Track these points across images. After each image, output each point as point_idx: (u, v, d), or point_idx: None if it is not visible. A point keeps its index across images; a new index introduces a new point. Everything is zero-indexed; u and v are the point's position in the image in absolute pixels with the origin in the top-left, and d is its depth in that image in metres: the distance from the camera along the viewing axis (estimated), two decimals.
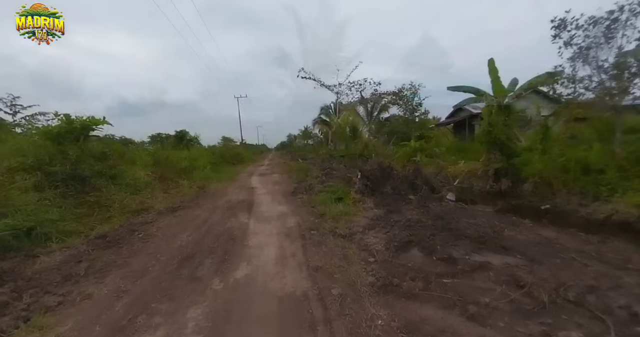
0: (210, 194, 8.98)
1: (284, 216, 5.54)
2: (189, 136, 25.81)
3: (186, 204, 7.42)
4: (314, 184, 9.22)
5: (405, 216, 4.73)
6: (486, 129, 9.45)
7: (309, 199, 7.09)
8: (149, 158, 12.16)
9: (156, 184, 9.98)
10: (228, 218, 5.50)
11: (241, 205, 6.77)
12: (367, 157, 20.00)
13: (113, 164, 8.41)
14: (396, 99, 18.81)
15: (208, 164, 15.38)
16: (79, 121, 8.03)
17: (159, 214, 6.24)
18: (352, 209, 5.06)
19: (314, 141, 39.06)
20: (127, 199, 7.52)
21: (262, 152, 55.45)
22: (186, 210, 6.70)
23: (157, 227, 5.16)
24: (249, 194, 8.31)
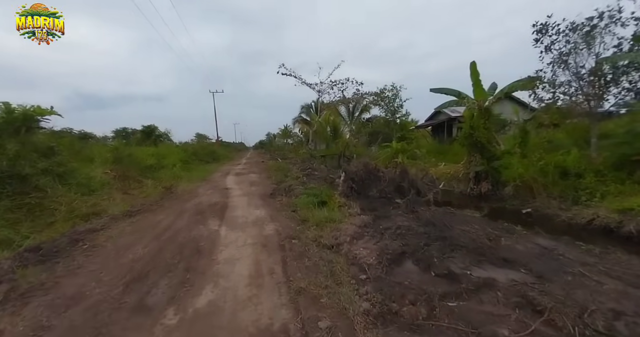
0: (177, 196, 8.12)
1: (261, 221, 4.95)
2: (158, 132, 24.12)
3: (147, 207, 6.56)
4: (294, 186, 8.67)
5: (395, 223, 4.35)
6: (468, 132, 9.46)
7: (289, 202, 6.53)
8: (109, 154, 10.93)
9: (115, 184, 8.92)
10: (195, 225, 4.80)
11: (212, 208, 6.06)
12: (348, 157, 19.79)
13: (62, 160, 7.30)
14: (378, 100, 18.72)
15: (178, 161, 14.26)
16: (20, 111, 6.86)
17: (113, 220, 5.38)
18: (337, 214, 4.59)
19: (294, 140, 38.37)
20: (77, 201, 6.54)
21: (240, 150, 53.71)
22: (146, 214, 5.87)
23: (107, 237, 4.35)
24: (222, 196, 7.58)
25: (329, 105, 20.59)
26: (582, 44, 6.98)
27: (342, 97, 19.87)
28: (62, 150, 7.67)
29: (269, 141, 56.21)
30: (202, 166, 16.16)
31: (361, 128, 21.92)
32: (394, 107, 18.22)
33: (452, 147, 16.94)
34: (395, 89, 18.01)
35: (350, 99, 20.50)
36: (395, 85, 18.05)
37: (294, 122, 31.44)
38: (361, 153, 20.82)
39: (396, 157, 15.02)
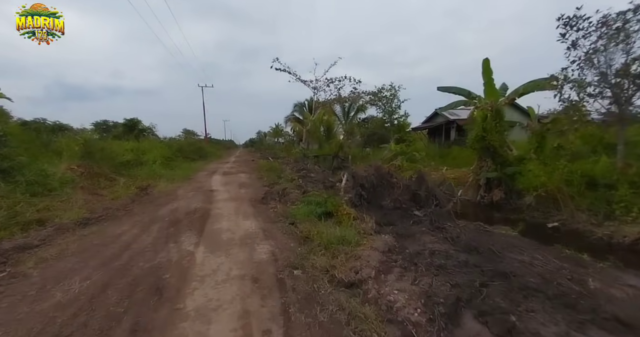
0: (152, 198, 6.85)
1: (251, 238, 3.83)
2: (141, 126, 22.38)
3: (111, 214, 5.29)
4: (289, 189, 7.56)
5: (424, 245, 3.35)
6: (479, 135, 8.64)
7: (285, 210, 5.43)
8: (77, 148, 9.45)
9: (82, 182, 7.55)
10: (165, 242, 3.63)
11: (191, 217, 4.87)
12: (342, 158, 18.80)
13: (8, 153, 5.91)
14: (375, 100, 17.82)
15: (159, 158, 12.82)
16: None
17: (59, 231, 4.12)
18: (350, 232, 3.54)
19: (286, 140, 37.11)
20: (22, 204, 5.21)
21: (229, 148, 51.83)
22: (106, 224, 4.63)
23: (39, 259, 3.12)
24: (205, 200, 6.38)
25: (324, 103, 19.53)
26: (613, 40, 6.23)
27: (338, 95, 18.87)
28: (11, 141, 6.26)
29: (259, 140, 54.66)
30: (186, 164, 14.74)
31: (357, 128, 20.99)
32: (391, 107, 17.38)
33: (451, 150, 16.25)
34: (393, 89, 17.18)
35: (346, 98, 19.52)
36: (393, 85, 17.22)
37: (286, 121, 30.22)
38: (356, 154, 19.93)
39: (395, 160, 14.17)
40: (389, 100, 17.11)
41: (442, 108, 11.83)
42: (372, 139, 18.46)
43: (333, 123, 24.44)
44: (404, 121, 17.65)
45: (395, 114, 17.65)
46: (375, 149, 18.95)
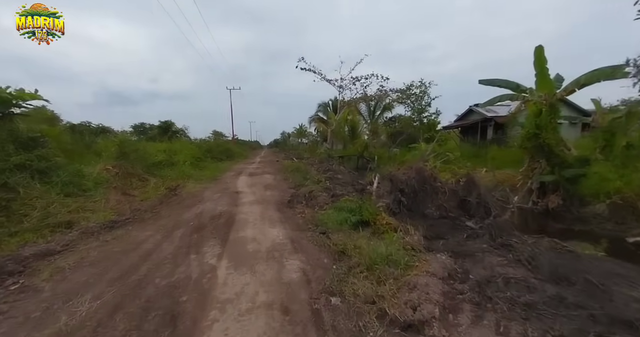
0: (180, 200, 6.66)
1: (279, 250, 3.33)
2: (174, 128, 23.21)
3: (138, 216, 5.11)
4: (316, 192, 7.04)
5: (492, 269, 2.64)
6: (532, 132, 7.50)
7: (313, 215, 4.90)
8: (113, 149, 9.65)
9: (115, 182, 7.57)
10: (186, 253, 3.25)
11: (215, 223, 4.51)
12: (368, 159, 18.01)
13: (46, 154, 5.97)
14: (403, 97, 16.80)
15: (189, 158, 12.95)
16: (3, 93, 5.59)
17: (84, 235, 3.92)
18: (394, 247, 2.91)
19: (309, 140, 36.87)
20: (56, 205, 5.17)
21: (255, 148, 52.86)
22: (131, 228, 4.39)
23: (55, 269, 2.86)
24: (231, 203, 6.04)
25: (350, 102, 18.83)
26: None
27: (363, 94, 18.08)
28: (49, 142, 6.36)
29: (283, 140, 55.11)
30: (214, 164, 14.83)
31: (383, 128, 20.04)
32: (421, 105, 16.26)
33: (488, 150, 14.83)
34: (423, 86, 16.06)
35: (372, 97, 18.66)
36: (423, 81, 16.10)
37: (310, 121, 29.89)
38: (382, 155, 19.01)
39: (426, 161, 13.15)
40: (419, 98, 16.02)
41: (483, 103, 10.62)
42: (400, 139, 17.43)
43: (358, 123, 23.67)
44: (434, 119, 16.46)
45: (424, 112, 16.51)
46: (402, 149, 17.92)
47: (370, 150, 20.15)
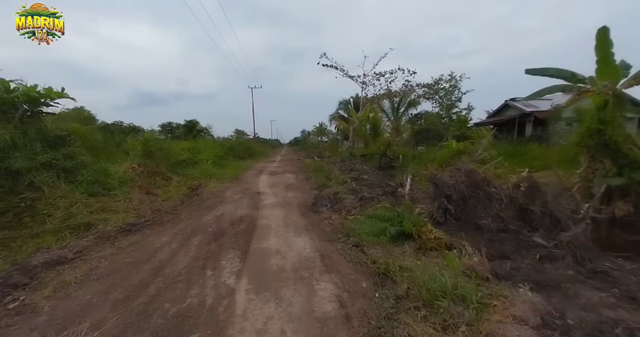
0: (200, 200, 6.36)
1: (307, 268, 2.79)
2: (199, 126, 23.60)
3: (158, 218, 4.81)
4: (342, 194, 6.46)
5: (595, 310, 1.91)
6: (594, 128, 6.41)
7: (341, 222, 4.33)
8: (139, 148, 9.63)
9: (140, 181, 7.45)
10: (202, 268, 2.80)
11: (235, 229, 4.07)
12: (391, 158, 17.10)
13: (72, 152, 5.87)
14: (431, 92, 15.67)
15: (212, 157, 12.86)
16: (23, 90, 5.53)
17: (99, 241, 3.63)
18: (456, 273, 2.25)
19: (329, 138, 36.26)
20: (79, 205, 5.01)
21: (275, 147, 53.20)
22: (149, 232, 4.07)
23: (60, 283, 2.52)
24: (252, 205, 5.62)
25: (372, 99, 17.96)
26: None
27: (387, 90, 17.12)
28: (75, 141, 6.29)
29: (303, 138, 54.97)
30: (236, 163, 14.70)
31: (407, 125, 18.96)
32: (450, 100, 15.06)
33: (527, 148, 13.42)
34: (454, 79, 14.84)
35: (396, 93, 17.65)
36: (453, 75, 14.87)
37: (331, 119, 29.24)
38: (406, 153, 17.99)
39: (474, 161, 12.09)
40: (448, 93, 14.84)
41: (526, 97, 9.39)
42: (426, 137, 16.32)
43: (380, 120, 22.70)
44: (466, 116, 15.18)
45: (454, 108, 15.29)
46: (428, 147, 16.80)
47: (394, 149, 19.19)
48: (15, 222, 4.23)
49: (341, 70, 16.44)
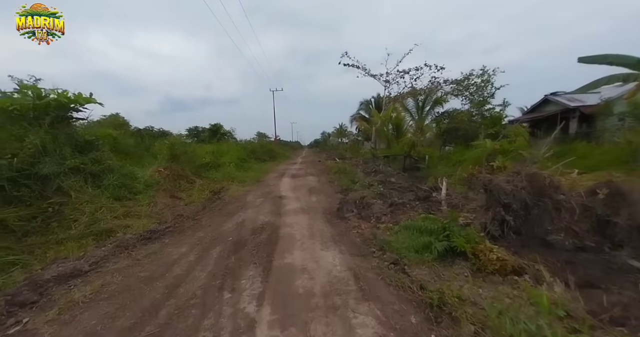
0: (222, 205, 6.13)
1: (339, 291, 2.32)
2: (222, 130, 24.05)
3: (179, 224, 4.60)
4: (369, 199, 5.92)
5: None
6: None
7: (372, 231, 3.81)
8: (166, 151, 9.71)
9: (165, 184, 7.41)
10: (219, 288, 2.42)
11: (257, 239, 3.70)
12: (415, 159, 16.18)
13: (99, 157, 5.88)
14: (460, 89, 14.57)
15: (235, 160, 12.83)
16: (55, 97, 5.61)
17: (117, 250, 3.42)
18: (545, 312, 1.68)
19: (350, 139, 35.59)
20: (104, 209, 4.93)
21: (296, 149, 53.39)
22: (169, 240, 3.82)
23: (68, 303, 2.26)
24: (274, 211, 5.26)
25: (396, 98, 17.12)
26: None
27: (412, 87, 16.22)
28: (103, 146, 6.32)
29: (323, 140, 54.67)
30: (258, 165, 14.60)
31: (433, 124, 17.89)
32: (483, 96, 13.89)
33: (572, 147, 11.96)
34: (486, 74, 13.67)
35: (421, 90, 16.67)
36: (486, 70, 13.70)
37: (352, 120, 28.59)
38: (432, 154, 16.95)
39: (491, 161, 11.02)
40: (480, 88, 13.69)
41: (582, 88, 8.24)
42: (455, 136, 15.21)
43: (403, 120, 21.71)
44: (500, 112, 13.91)
45: (486, 105, 14.08)
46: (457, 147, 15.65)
47: (418, 149, 18.19)
48: (43, 228, 4.18)
49: (363, 70, 15.82)
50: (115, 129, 17.55)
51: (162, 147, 10.54)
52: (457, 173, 11.59)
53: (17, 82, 5.21)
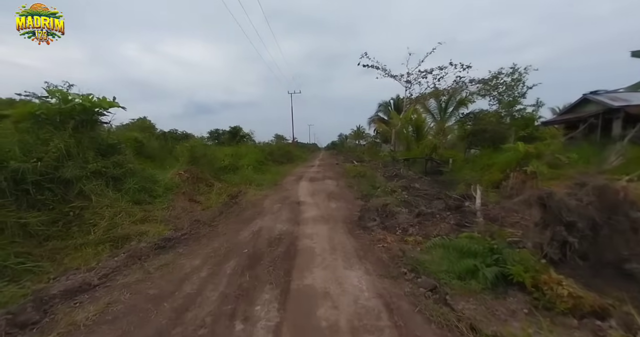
0: (239, 210, 5.92)
1: (369, 327, 1.92)
2: (242, 132, 24.35)
3: (195, 231, 4.41)
4: (392, 206, 5.46)
5: None
6: None
7: (400, 246, 3.38)
8: (187, 154, 9.75)
9: (185, 187, 7.35)
10: (231, 316, 2.09)
11: (274, 253, 3.37)
12: (437, 162, 15.35)
13: (121, 160, 5.87)
14: (488, 89, 13.61)
15: (252, 162, 12.76)
16: (81, 101, 5.67)
17: (129, 260, 3.24)
18: None
19: (367, 142, 34.88)
20: (123, 214, 4.86)
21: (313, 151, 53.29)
22: (182, 250, 3.61)
23: (68, 325, 2.05)
24: (291, 219, 4.95)
25: (418, 99, 16.38)
26: None
27: (434, 88, 15.43)
28: (124, 149, 6.33)
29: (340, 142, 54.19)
30: (275, 168, 14.46)
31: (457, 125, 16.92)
32: (513, 96, 12.87)
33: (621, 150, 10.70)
34: (516, 73, 12.66)
35: (444, 91, 15.81)
36: (516, 68, 12.69)
37: (370, 122, 27.95)
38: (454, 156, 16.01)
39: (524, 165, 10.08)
40: (510, 88, 12.69)
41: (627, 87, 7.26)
42: (482, 138, 14.23)
43: (424, 122, 20.82)
44: (532, 113, 12.81)
45: (517, 105, 13.04)
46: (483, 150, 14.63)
47: (440, 152, 17.28)
48: (63, 232, 4.13)
49: (383, 70, 15.27)
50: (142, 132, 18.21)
51: (183, 149, 10.61)
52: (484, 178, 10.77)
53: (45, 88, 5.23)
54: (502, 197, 6.19)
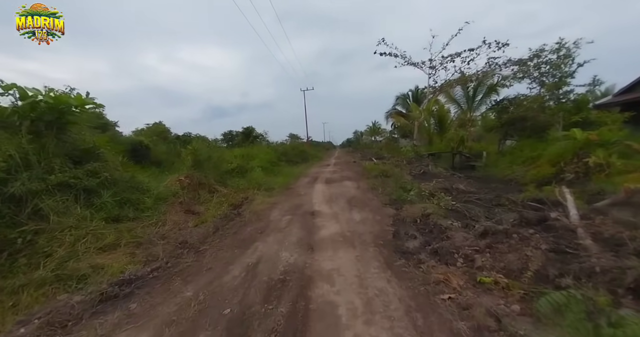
0: (239, 226, 4.60)
1: None
2: (255, 133, 23.37)
3: (173, 262, 3.16)
4: (437, 217, 3.94)
5: None
6: None
7: (482, 303, 1.88)
8: (189, 158, 8.62)
9: (183, 196, 6.17)
10: None
11: (270, 318, 1.99)
12: (467, 156, 13.37)
13: (96, 169, 4.73)
14: (527, 70, 11.46)
15: (263, 163, 11.53)
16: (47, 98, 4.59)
17: (45, 331, 1.98)
18: None
19: (384, 137, 32.86)
20: (89, 238, 3.70)
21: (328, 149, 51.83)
22: (139, 304, 2.30)
23: None
24: (303, 241, 3.55)
25: (442, 87, 14.41)
26: None
27: (461, 73, 13.42)
28: (104, 154, 5.21)
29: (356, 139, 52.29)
30: (288, 168, 13.17)
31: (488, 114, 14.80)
32: (560, 76, 10.67)
33: None
34: (563, 49, 10.45)
35: (471, 77, 13.74)
36: (563, 43, 10.48)
37: (387, 116, 26.01)
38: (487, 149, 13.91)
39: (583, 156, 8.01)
40: (556, 67, 10.51)
41: None
42: (520, 127, 12.11)
43: (447, 113, 18.72)
44: (586, 95, 10.54)
45: (565, 86, 10.82)
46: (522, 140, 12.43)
47: (469, 145, 15.21)
48: (7, 266, 3.00)
49: (402, 58, 13.46)
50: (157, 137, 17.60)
51: (186, 153, 9.45)
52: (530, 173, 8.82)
53: None
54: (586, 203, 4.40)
